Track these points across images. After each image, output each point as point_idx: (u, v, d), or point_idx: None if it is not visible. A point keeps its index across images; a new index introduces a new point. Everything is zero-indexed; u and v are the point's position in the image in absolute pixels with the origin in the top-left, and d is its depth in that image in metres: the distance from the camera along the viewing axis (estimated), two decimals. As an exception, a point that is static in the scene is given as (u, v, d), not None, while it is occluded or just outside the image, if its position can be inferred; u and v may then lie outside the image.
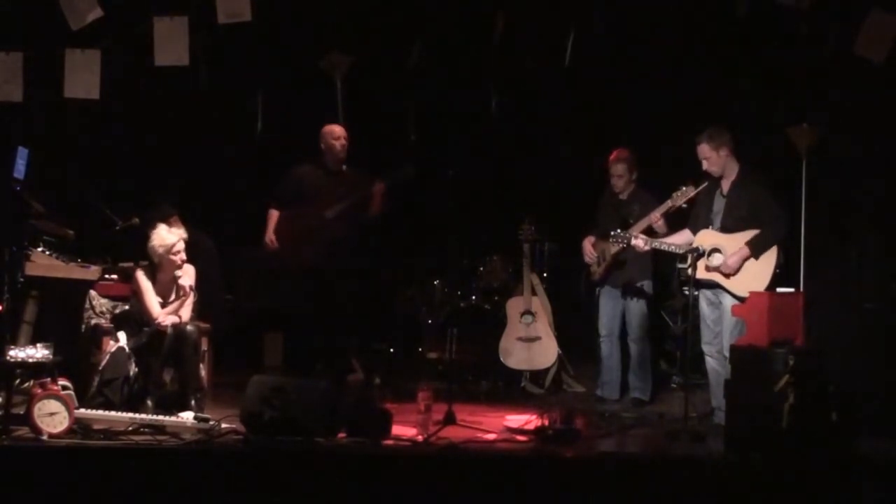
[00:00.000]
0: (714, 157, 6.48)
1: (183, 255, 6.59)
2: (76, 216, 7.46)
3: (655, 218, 6.82)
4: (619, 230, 6.80)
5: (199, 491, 5.37)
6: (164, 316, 6.53)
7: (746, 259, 6.34)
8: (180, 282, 6.56)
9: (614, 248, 7.09)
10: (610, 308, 7.36)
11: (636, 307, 7.28)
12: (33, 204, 6.71)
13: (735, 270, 6.35)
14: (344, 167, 7.57)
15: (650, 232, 6.86)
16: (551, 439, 5.98)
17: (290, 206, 7.56)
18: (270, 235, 7.54)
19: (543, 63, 7.84)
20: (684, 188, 6.70)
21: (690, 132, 6.73)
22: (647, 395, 7.34)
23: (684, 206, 6.72)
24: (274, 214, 7.58)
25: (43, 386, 5.80)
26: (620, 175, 7.31)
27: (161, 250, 6.57)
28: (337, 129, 7.54)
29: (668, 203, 6.79)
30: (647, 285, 7.29)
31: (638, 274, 7.27)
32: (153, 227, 6.75)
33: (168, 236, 6.58)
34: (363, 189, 7.48)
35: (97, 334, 6.86)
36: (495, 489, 5.43)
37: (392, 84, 8.22)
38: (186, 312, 6.59)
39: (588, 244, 7.35)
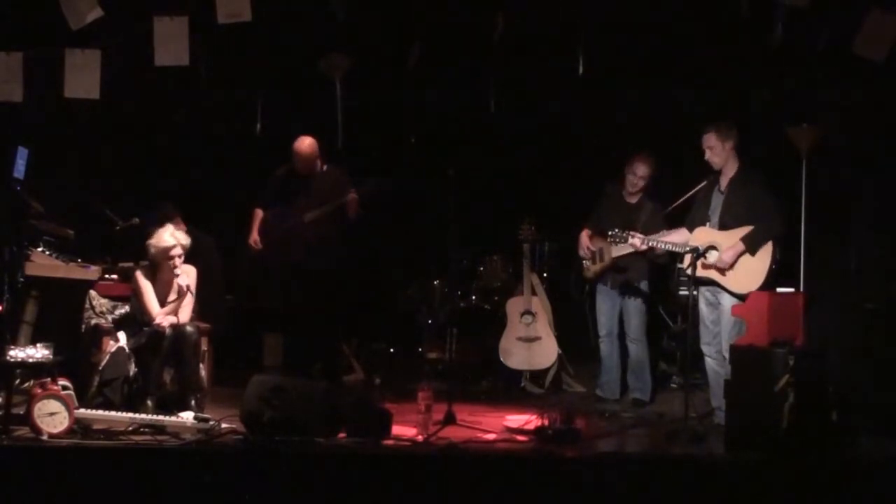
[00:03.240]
0: (718, 148, 6.47)
1: (177, 261, 6.56)
2: (76, 216, 7.46)
3: (640, 241, 6.68)
4: (617, 230, 6.77)
5: (199, 491, 5.37)
6: (162, 316, 6.53)
7: (741, 254, 6.35)
8: (178, 281, 6.56)
9: (617, 252, 7.05)
10: (608, 308, 7.35)
11: (634, 308, 7.27)
12: (33, 204, 6.70)
13: (729, 265, 6.35)
14: (325, 167, 7.61)
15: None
16: (551, 439, 5.98)
17: (272, 207, 7.59)
18: (254, 236, 7.64)
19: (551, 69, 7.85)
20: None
21: (691, 133, 6.72)
22: (646, 395, 7.34)
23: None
24: (258, 214, 7.67)
25: (43, 386, 5.80)
26: (643, 176, 7.22)
27: (153, 251, 6.58)
28: (303, 152, 7.52)
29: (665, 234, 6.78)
30: (644, 285, 7.28)
31: (636, 275, 7.26)
32: (160, 225, 6.76)
33: (168, 239, 6.57)
34: (343, 191, 7.52)
35: (97, 334, 6.85)
36: (495, 489, 5.43)
37: (392, 84, 8.21)
38: (186, 312, 6.58)
39: (585, 237, 7.31)
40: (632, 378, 7.36)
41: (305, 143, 7.57)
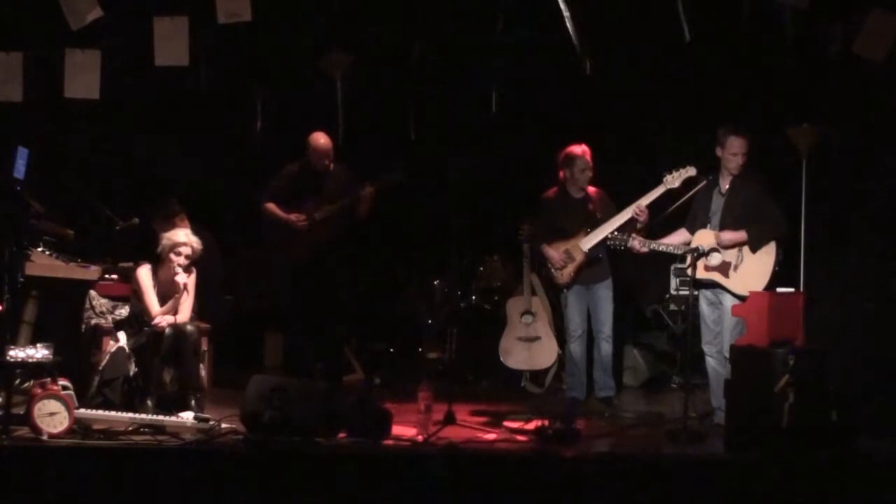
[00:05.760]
0: (747, 155, 6.43)
1: (182, 261, 6.55)
2: (76, 216, 7.46)
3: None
4: (616, 233, 6.72)
5: (199, 491, 5.37)
6: (160, 317, 6.53)
7: (741, 243, 6.31)
8: (176, 279, 6.54)
9: (585, 245, 6.96)
10: (581, 308, 7.21)
11: (608, 303, 7.15)
12: (33, 204, 6.71)
13: (727, 245, 6.31)
14: (331, 166, 7.60)
15: (631, 225, 6.76)
16: (551, 439, 5.99)
17: (280, 205, 7.58)
18: (292, 216, 7.51)
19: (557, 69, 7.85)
20: (682, 169, 6.62)
21: (690, 132, 6.71)
22: (614, 390, 7.26)
23: (678, 186, 6.66)
24: (274, 207, 7.57)
25: (43, 386, 5.80)
26: (586, 168, 7.10)
27: (164, 241, 6.60)
28: (322, 146, 7.50)
29: (661, 188, 6.68)
30: (609, 270, 7.16)
31: (607, 270, 7.17)
32: (170, 222, 6.84)
33: (180, 236, 6.60)
34: (352, 191, 7.50)
35: (97, 334, 6.86)
36: (495, 489, 5.43)
37: (392, 84, 8.21)
38: (185, 312, 6.57)
39: (550, 250, 7.18)
40: (602, 376, 7.21)
41: (323, 138, 7.53)
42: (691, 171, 6.63)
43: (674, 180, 6.65)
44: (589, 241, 6.95)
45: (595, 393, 7.25)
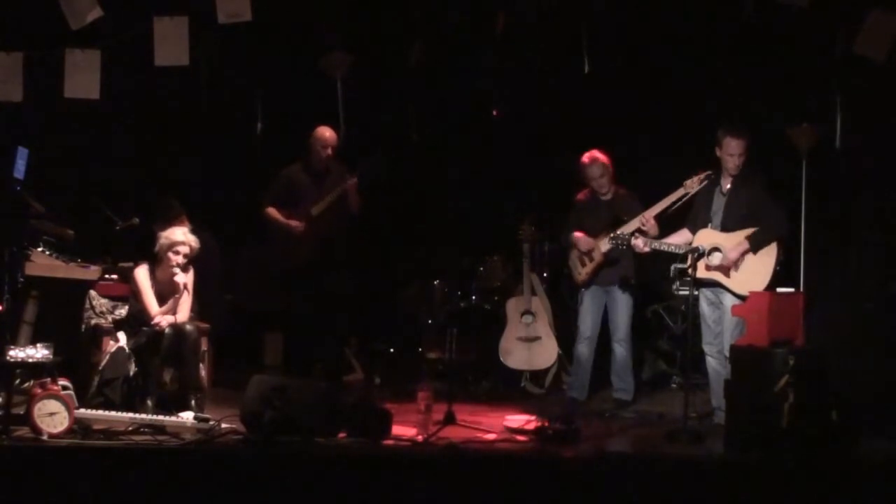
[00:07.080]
0: (745, 155, 6.44)
1: (181, 260, 6.55)
2: (76, 216, 7.46)
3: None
4: (619, 232, 6.74)
5: (199, 491, 5.37)
6: (160, 316, 6.52)
7: (746, 253, 6.33)
8: (176, 279, 6.54)
9: (605, 246, 7.02)
10: (595, 309, 7.23)
11: (623, 304, 7.17)
12: (33, 204, 6.71)
13: (734, 263, 6.33)
14: (332, 165, 7.59)
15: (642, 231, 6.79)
16: (551, 439, 5.99)
17: (281, 207, 7.58)
18: (292, 222, 7.51)
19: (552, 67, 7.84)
20: (701, 174, 6.61)
21: (691, 132, 6.69)
22: (630, 395, 7.26)
23: (688, 194, 6.66)
24: (275, 211, 7.58)
25: (43, 386, 5.80)
26: (602, 175, 7.15)
27: (162, 240, 6.58)
28: (327, 138, 7.50)
29: (681, 191, 6.69)
30: (632, 277, 7.18)
31: (629, 272, 7.18)
32: (170, 223, 6.83)
33: (178, 235, 6.58)
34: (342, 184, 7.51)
35: (97, 334, 6.85)
36: (495, 489, 5.43)
37: (392, 84, 8.21)
38: (184, 311, 6.58)
39: (583, 237, 7.19)
40: (615, 379, 7.24)
41: (329, 130, 7.53)
42: (703, 174, 6.63)
43: (693, 184, 6.66)
44: (606, 244, 6.96)
45: (613, 394, 7.28)
